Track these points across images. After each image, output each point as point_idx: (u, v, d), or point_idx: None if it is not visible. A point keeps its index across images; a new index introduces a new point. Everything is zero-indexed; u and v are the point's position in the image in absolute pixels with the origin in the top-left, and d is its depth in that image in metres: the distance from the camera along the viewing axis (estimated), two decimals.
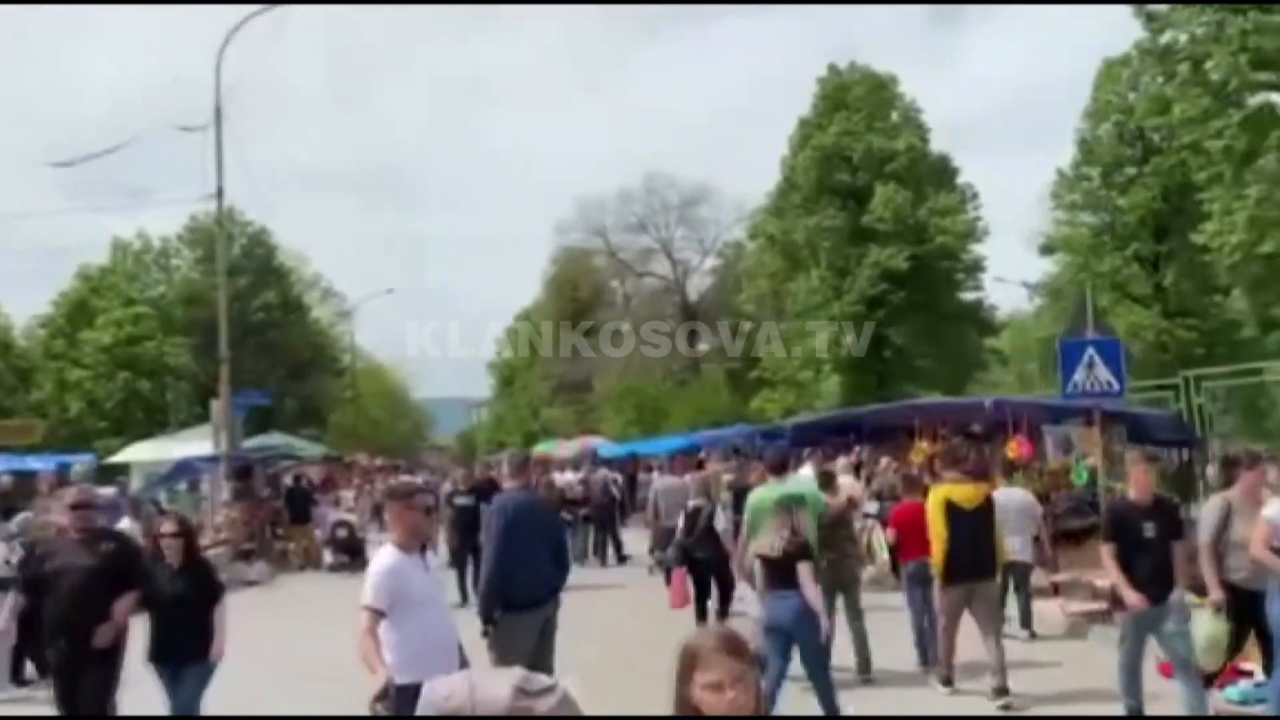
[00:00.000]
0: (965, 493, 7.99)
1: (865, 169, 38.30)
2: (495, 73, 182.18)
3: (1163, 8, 26.25)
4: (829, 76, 41.01)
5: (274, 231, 50.84)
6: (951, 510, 7.81)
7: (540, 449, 46.12)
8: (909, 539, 8.91)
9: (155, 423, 39.58)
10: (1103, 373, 9.73)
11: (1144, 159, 36.32)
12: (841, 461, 13.35)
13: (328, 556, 18.67)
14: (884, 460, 12.54)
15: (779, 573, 6.87)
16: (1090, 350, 9.86)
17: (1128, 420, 10.68)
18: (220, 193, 18.31)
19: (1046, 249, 40.45)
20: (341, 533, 18.58)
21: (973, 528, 7.79)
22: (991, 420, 11.96)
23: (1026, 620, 9.97)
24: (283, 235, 52.53)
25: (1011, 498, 9.96)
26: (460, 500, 13.16)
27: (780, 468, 8.81)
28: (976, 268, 40.05)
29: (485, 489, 13.21)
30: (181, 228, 50.47)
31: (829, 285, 37.83)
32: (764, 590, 7.17)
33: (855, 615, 8.70)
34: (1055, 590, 10.91)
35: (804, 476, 10.97)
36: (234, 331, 44.95)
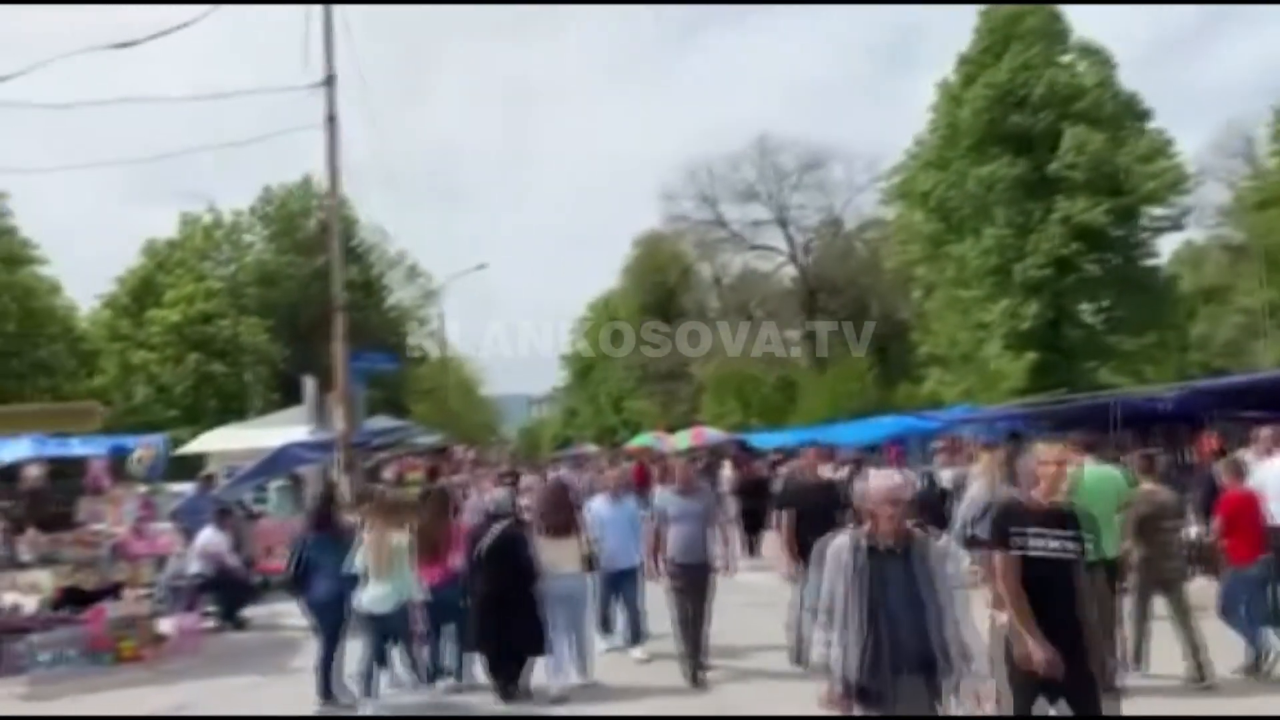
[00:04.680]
0: None
1: (1048, 109, 32.41)
2: (554, 68, 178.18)
3: None
4: (991, 7, 35.18)
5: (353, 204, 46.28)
6: None
7: (639, 442, 41.11)
8: (1240, 535, 7.70)
9: (230, 410, 35.04)
10: None
11: None
12: None
13: None
14: None
15: None
16: None
17: None
18: (331, 80, 13.38)
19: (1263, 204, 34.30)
20: None
21: None
22: None
23: None
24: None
25: None
26: None
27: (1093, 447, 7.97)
28: (1175, 226, 34.03)
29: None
30: (255, 200, 46.24)
31: (1007, 245, 32.04)
32: None
33: (1183, 615, 7.50)
34: None
35: None
36: (313, 313, 41.15)
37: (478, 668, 8.29)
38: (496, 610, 7.77)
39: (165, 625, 10.61)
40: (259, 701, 8.39)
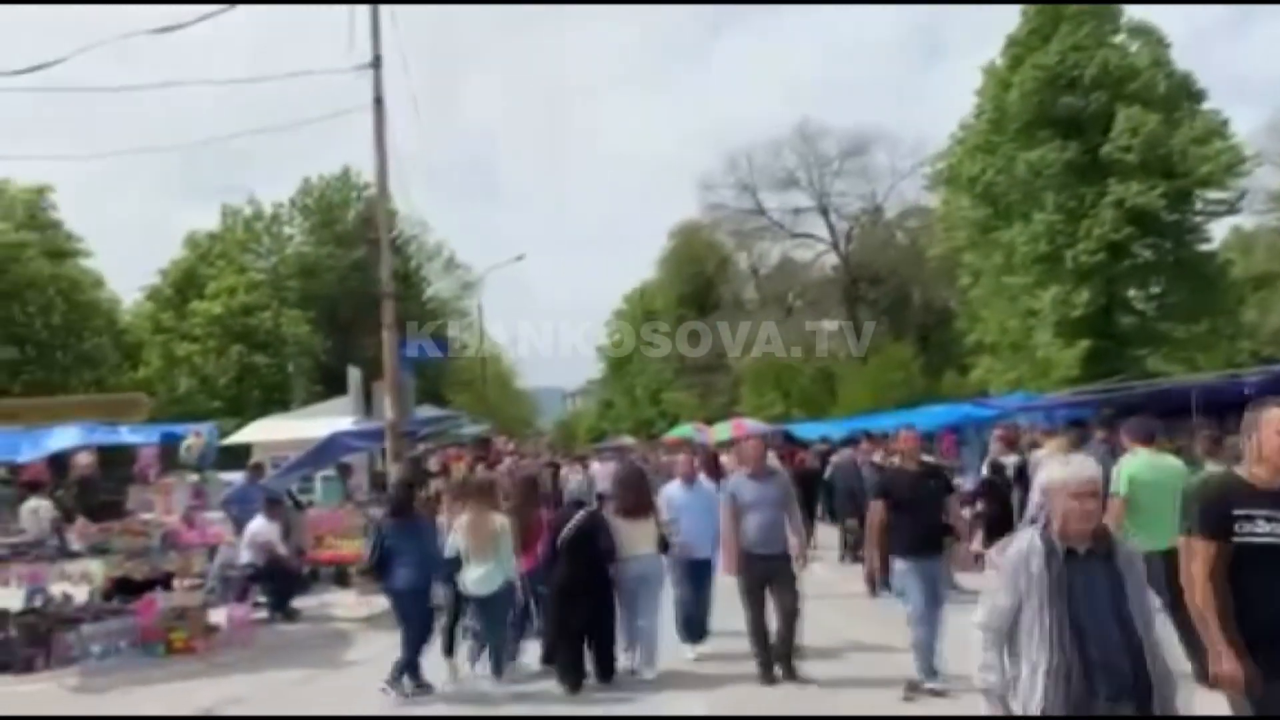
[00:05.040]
0: None
1: (1100, 90, 31.56)
2: (588, 63, 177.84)
3: None
4: None
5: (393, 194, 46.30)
6: None
7: (677, 433, 40.75)
8: None
9: (273, 401, 35.09)
10: None
11: None
12: None
13: None
14: None
15: None
16: None
17: None
18: (378, 60, 13.14)
19: None
20: None
21: None
22: None
23: None
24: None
25: None
26: None
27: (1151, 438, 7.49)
28: (1231, 209, 33.05)
29: None
30: (294, 191, 46.39)
31: (1057, 231, 31.26)
32: None
33: None
34: None
35: None
36: (352, 306, 41.19)
37: (542, 655, 8.14)
38: (570, 600, 7.62)
39: (216, 616, 10.45)
40: (312, 696, 8.18)
